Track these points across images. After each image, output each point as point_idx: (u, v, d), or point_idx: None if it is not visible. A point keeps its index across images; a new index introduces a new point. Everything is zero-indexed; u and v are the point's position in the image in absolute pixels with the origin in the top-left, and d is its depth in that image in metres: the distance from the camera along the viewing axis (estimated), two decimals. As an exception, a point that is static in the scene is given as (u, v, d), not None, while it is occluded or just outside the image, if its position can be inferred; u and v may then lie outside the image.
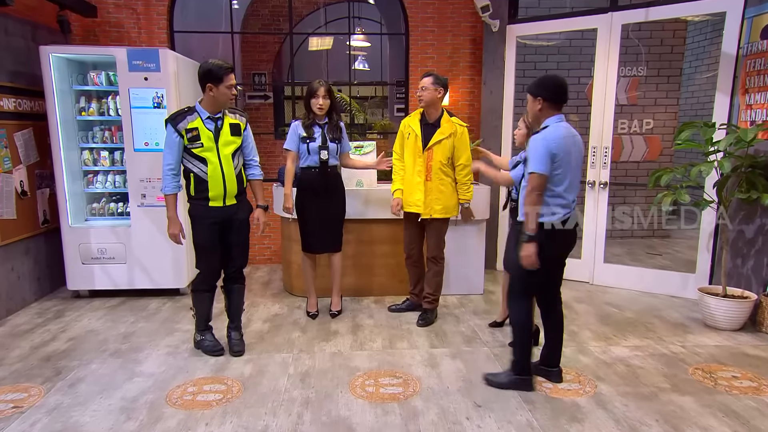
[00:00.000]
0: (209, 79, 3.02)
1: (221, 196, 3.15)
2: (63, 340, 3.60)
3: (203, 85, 3.05)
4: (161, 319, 4.01)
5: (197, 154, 3.07)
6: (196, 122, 3.07)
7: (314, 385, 2.99)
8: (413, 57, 5.49)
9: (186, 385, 2.98)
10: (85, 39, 5.06)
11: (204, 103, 3.10)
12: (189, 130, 3.04)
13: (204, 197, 3.13)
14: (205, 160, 3.08)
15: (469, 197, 3.80)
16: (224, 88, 3.05)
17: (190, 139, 3.04)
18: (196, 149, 3.06)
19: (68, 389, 2.92)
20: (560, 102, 2.75)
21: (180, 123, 3.03)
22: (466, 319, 4.04)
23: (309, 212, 3.89)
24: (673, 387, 2.98)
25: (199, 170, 3.09)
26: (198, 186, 3.12)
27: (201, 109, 3.10)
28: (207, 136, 3.08)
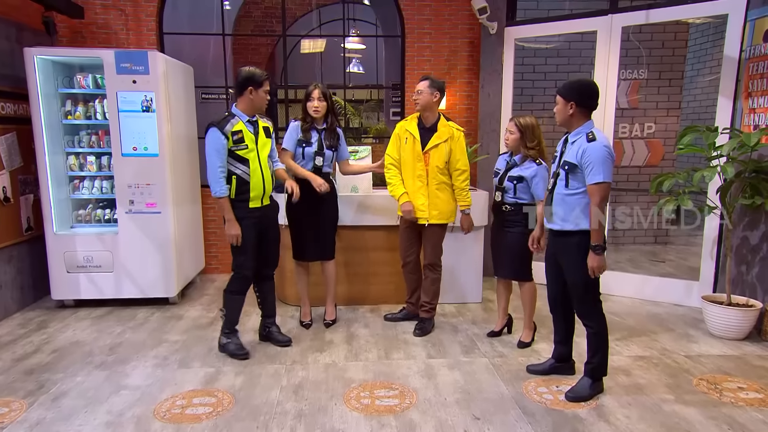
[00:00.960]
0: (251, 83, 3.26)
1: (260, 196, 3.38)
2: (47, 351, 3.57)
3: (244, 88, 3.27)
4: (149, 330, 3.98)
5: (241, 156, 3.27)
6: (239, 125, 3.27)
7: (308, 397, 2.97)
8: (409, 60, 5.51)
9: (175, 398, 2.95)
10: (71, 40, 5.05)
11: (242, 106, 3.31)
12: (234, 132, 3.23)
13: (245, 198, 3.32)
14: (248, 162, 3.29)
15: (468, 203, 3.80)
16: (263, 92, 3.31)
17: (236, 142, 3.24)
18: (241, 151, 3.27)
19: (51, 403, 2.89)
20: (593, 108, 2.82)
21: (226, 126, 3.22)
22: (464, 328, 4.03)
23: (301, 219, 3.88)
24: (677, 398, 2.97)
25: (242, 171, 3.29)
26: (240, 187, 3.30)
27: (240, 113, 3.31)
28: (250, 138, 3.31)
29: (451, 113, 5.52)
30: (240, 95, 3.30)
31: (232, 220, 3.28)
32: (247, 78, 3.27)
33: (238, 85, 3.28)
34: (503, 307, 3.80)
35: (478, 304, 4.60)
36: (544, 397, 2.97)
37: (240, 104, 3.32)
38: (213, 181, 3.23)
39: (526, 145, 3.40)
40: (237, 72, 3.34)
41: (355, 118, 10.15)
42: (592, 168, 2.69)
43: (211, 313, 4.37)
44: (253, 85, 3.26)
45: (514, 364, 3.40)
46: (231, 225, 3.29)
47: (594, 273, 2.76)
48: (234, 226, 3.29)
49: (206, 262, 5.50)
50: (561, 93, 2.81)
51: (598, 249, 2.72)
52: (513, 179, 3.44)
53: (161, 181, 4.35)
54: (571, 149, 2.80)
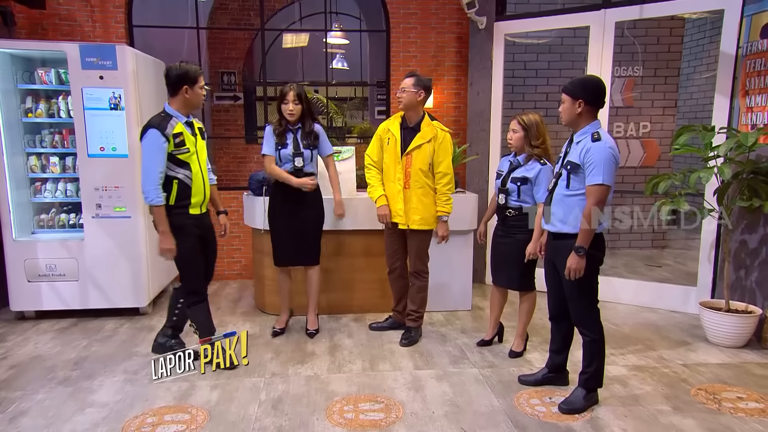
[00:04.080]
0: (186, 81, 3.18)
1: (201, 203, 3.35)
2: (4, 367, 3.50)
3: (178, 87, 3.18)
4: (118, 342, 3.92)
5: (182, 160, 3.20)
6: (179, 127, 3.20)
7: (288, 412, 2.95)
8: (395, 56, 5.52)
9: (145, 415, 2.91)
10: (31, 33, 4.97)
11: (177, 106, 3.23)
12: (175, 135, 3.16)
13: (185, 204, 3.26)
14: (189, 165, 3.23)
15: (447, 210, 3.76)
16: (198, 89, 3.24)
17: (177, 145, 3.17)
18: (182, 155, 3.20)
19: (9, 424, 2.83)
20: (601, 106, 2.85)
21: (167, 129, 3.13)
22: (453, 337, 4.04)
23: (282, 223, 3.87)
24: (674, 409, 3.01)
25: (184, 176, 3.23)
26: (181, 193, 3.23)
27: (176, 113, 3.23)
28: (191, 141, 3.25)
29: (438, 112, 5.55)
30: (174, 95, 3.22)
31: (167, 233, 3.18)
32: (181, 76, 3.18)
33: (171, 84, 3.20)
34: (496, 315, 3.81)
35: (468, 312, 4.61)
36: (537, 410, 2.98)
37: (174, 104, 3.24)
38: (150, 187, 3.12)
39: (531, 144, 3.39)
40: (166, 69, 3.23)
41: (339, 116, 10.14)
42: (593, 168, 2.72)
43: (184, 324, 4.32)
44: (188, 83, 3.19)
45: (506, 374, 3.42)
46: (166, 238, 3.19)
47: (570, 274, 2.77)
48: (169, 239, 3.19)
49: (179, 269, 5.43)
50: (568, 91, 2.82)
51: (581, 251, 2.74)
52: (517, 181, 3.42)
53: (131, 183, 4.29)
54: (576, 149, 2.82)
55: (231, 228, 5.44)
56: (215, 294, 5.13)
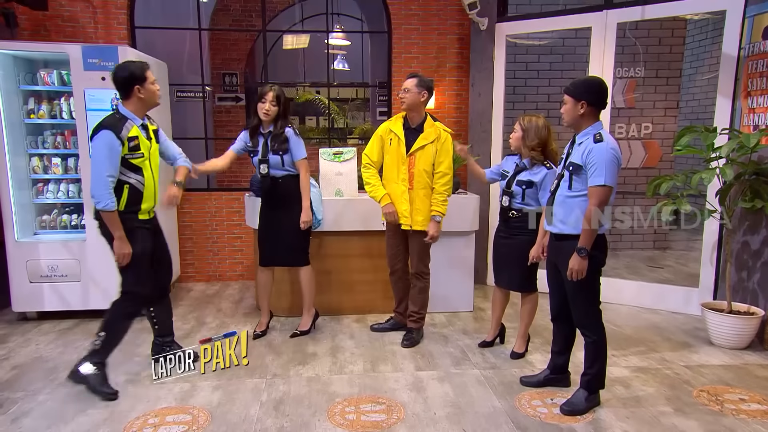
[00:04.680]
0: (135, 81, 3.05)
1: (150, 208, 3.23)
2: (6, 368, 3.50)
3: (129, 88, 3.06)
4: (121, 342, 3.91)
5: (134, 164, 3.07)
6: (135, 130, 3.07)
7: (289, 413, 2.95)
8: (396, 57, 5.53)
9: (147, 417, 2.91)
10: (34, 34, 4.98)
11: (132, 107, 3.10)
12: (130, 138, 3.03)
13: (134, 210, 3.13)
14: (141, 170, 3.12)
15: (442, 210, 3.73)
16: (150, 85, 3.11)
17: (131, 149, 3.04)
18: (136, 159, 3.07)
19: (11, 425, 2.83)
20: (603, 107, 2.85)
21: (122, 131, 2.99)
22: (455, 338, 4.04)
23: (262, 223, 3.92)
24: (676, 410, 3.00)
25: (136, 181, 3.10)
26: (132, 199, 3.10)
27: (132, 115, 3.09)
28: (146, 145, 3.13)
29: (440, 113, 5.55)
30: (127, 97, 3.09)
31: (123, 238, 3.05)
32: (127, 78, 3.04)
33: (120, 87, 3.07)
34: (498, 316, 3.81)
35: (469, 313, 4.61)
36: (538, 411, 2.98)
37: (129, 106, 3.10)
38: (102, 192, 2.95)
39: (527, 145, 3.38)
40: (112, 74, 3.09)
41: (340, 117, 10.14)
42: (596, 169, 2.72)
43: (186, 325, 4.33)
44: (138, 82, 3.06)
45: (507, 375, 3.41)
46: (122, 243, 3.06)
47: (572, 275, 2.78)
48: (125, 243, 3.06)
49: (182, 270, 5.45)
50: (570, 92, 2.82)
51: (583, 252, 2.74)
52: (522, 184, 3.41)
53: (132, 184, 4.30)
54: (578, 150, 2.82)
55: (232, 229, 5.53)
56: (217, 295, 5.14)
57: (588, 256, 2.75)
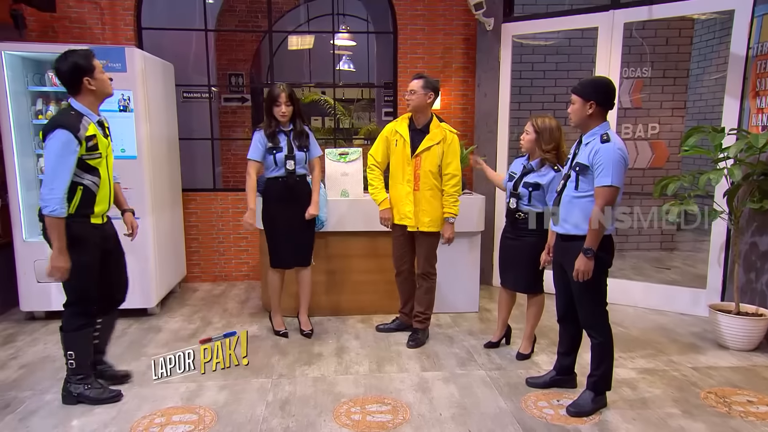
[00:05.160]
0: (82, 72, 2.77)
1: (105, 212, 2.99)
2: (14, 367, 3.53)
3: (77, 81, 2.78)
4: (126, 343, 3.94)
5: (91, 165, 2.83)
6: (92, 128, 2.82)
7: (295, 413, 2.95)
8: (402, 57, 5.53)
9: (153, 416, 2.92)
10: (42, 35, 5.01)
11: (86, 102, 2.84)
12: (89, 137, 2.78)
13: (88, 213, 2.88)
14: (98, 171, 2.87)
15: (455, 212, 3.76)
16: (100, 74, 2.84)
17: (89, 149, 2.79)
18: (93, 160, 2.83)
19: (18, 423, 2.85)
20: (611, 108, 2.85)
21: (80, 130, 2.74)
22: (460, 339, 4.03)
23: (278, 225, 3.88)
24: (684, 412, 2.99)
25: (90, 183, 2.85)
26: (85, 201, 2.85)
27: (87, 110, 2.84)
28: (103, 144, 2.89)
29: (445, 113, 5.55)
30: (77, 92, 2.81)
31: (63, 250, 2.74)
32: (73, 70, 2.76)
33: (67, 82, 2.80)
34: (504, 317, 3.80)
35: (475, 314, 4.60)
36: (545, 412, 2.97)
37: (82, 100, 2.82)
38: (55, 196, 2.68)
39: (542, 148, 3.37)
40: (55, 68, 2.81)
41: (346, 118, 10.15)
42: (602, 170, 2.71)
43: (192, 325, 4.34)
44: (86, 73, 2.78)
45: (513, 376, 3.41)
46: (62, 256, 2.74)
47: (578, 276, 2.77)
48: (64, 257, 2.74)
49: (188, 270, 5.47)
50: (578, 92, 2.81)
51: (589, 252, 2.73)
52: (529, 186, 3.39)
53: (139, 185, 4.32)
54: (584, 150, 2.82)
55: (237, 229, 5.53)
56: (222, 295, 5.16)
57: (594, 257, 2.74)
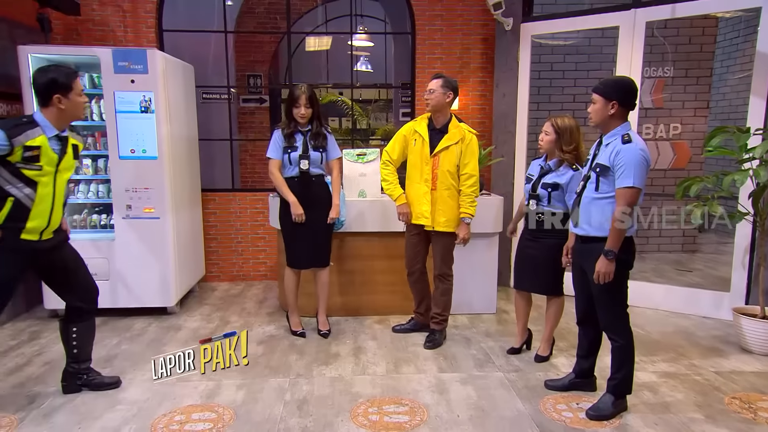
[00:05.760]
0: (56, 88, 2.72)
1: (40, 229, 2.82)
2: (38, 364, 3.59)
3: (48, 96, 2.72)
4: (147, 341, 4.00)
5: (27, 176, 2.70)
6: (39, 140, 2.70)
7: (313, 413, 2.96)
8: (420, 58, 5.52)
9: (173, 414, 2.96)
10: (66, 38, 5.11)
11: (50, 117, 2.76)
12: (28, 147, 2.66)
13: (18, 227, 2.74)
14: (36, 184, 2.74)
15: (471, 212, 3.73)
16: (75, 96, 2.78)
17: (26, 159, 2.67)
18: (31, 171, 2.70)
19: (43, 419, 2.90)
20: (632, 108, 2.82)
21: (18, 136, 2.64)
22: (478, 340, 4.01)
23: (293, 225, 3.89)
24: (707, 418, 2.93)
25: (22, 195, 2.71)
26: (14, 214, 2.72)
27: (47, 123, 2.75)
28: (50, 159, 2.75)
29: (464, 114, 5.53)
30: (45, 105, 2.74)
31: None
32: (48, 84, 2.70)
33: (39, 93, 2.73)
34: (523, 322, 3.75)
35: (492, 315, 4.57)
36: (564, 415, 2.94)
37: (46, 114, 2.76)
38: None
39: (562, 148, 3.32)
40: (33, 76, 2.77)
41: (363, 119, 10.18)
42: (624, 170, 2.68)
43: (211, 324, 4.39)
44: (60, 90, 2.72)
45: (531, 379, 3.38)
46: None
47: (599, 278, 2.74)
48: None
49: (206, 269, 5.52)
50: (600, 92, 2.78)
51: (611, 255, 2.70)
52: (547, 186, 3.35)
53: (160, 185, 4.38)
54: (605, 151, 2.79)
55: (255, 229, 5.58)
56: (240, 295, 5.20)
57: (615, 259, 2.71)
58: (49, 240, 2.89)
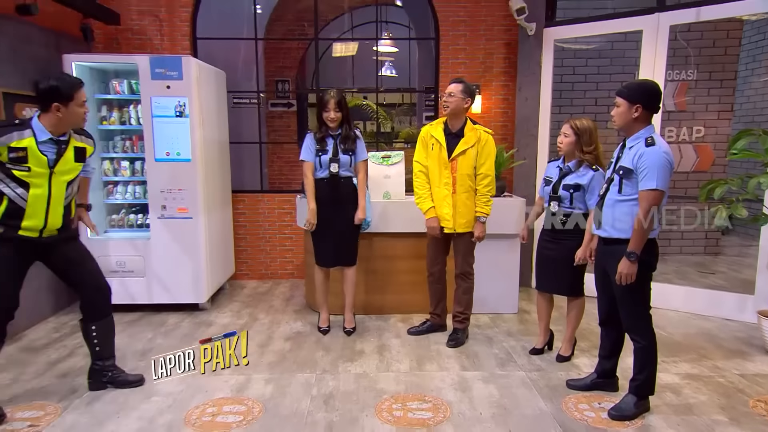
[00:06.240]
0: (56, 96, 2.72)
1: (39, 228, 2.84)
2: (80, 356, 3.67)
3: (47, 103, 2.73)
4: (180, 336, 4.07)
5: (18, 177, 2.73)
6: (27, 142, 2.72)
7: (339, 408, 2.98)
8: (443, 62, 5.50)
9: (205, 406, 3.00)
10: (107, 47, 5.24)
11: (47, 123, 2.77)
12: (13, 149, 2.68)
13: (16, 225, 2.78)
14: (27, 185, 2.76)
15: (486, 211, 3.70)
16: (75, 106, 2.79)
17: (13, 159, 2.69)
18: (20, 172, 2.72)
19: (85, 408, 2.98)
20: (656, 112, 2.78)
21: (2, 136, 2.67)
22: (500, 340, 3.98)
23: (322, 225, 3.93)
24: (731, 420, 2.86)
25: (15, 195, 2.75)
26: (11, 212, 2.76)
27: (41, 128, 2.76)
28: (39, 161, 2.75)
29: (486, 117, 5.50)
30: (44, 110, 2.75)
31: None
32: (49, 92, 2.71)
33: (39, 99, 2.74)
34: (545, 323, 3.70)
35: (514, 315, 4.53)
36: (586, 415, 2.90)
37: (44, 119, 2.77)
38: None
39: (582, 150, 3.29)
40: (34, 82, 2.75)
41: (387, 122, 10.19)
42: (647, 173, 2.63)
43: (241, 320, 4.44)
44: (59, 99, 2.72)
45: (553, 378, 3.34)
46: None
47: (621, 280, 2.70)
48: None
49: (236, 267, 5.59)
50: (624, 95, 2.74)
51: (633, 256, 2.66)
52: (569, 188, 3.31)
53: (193, 186, 4.45)
54: (628, 154, 2.74)
55: (283, 229, 5.63)
56: (268, 292, 5.25)
57: (638, 261, 2.66)
58: (51, 237, 2.92)
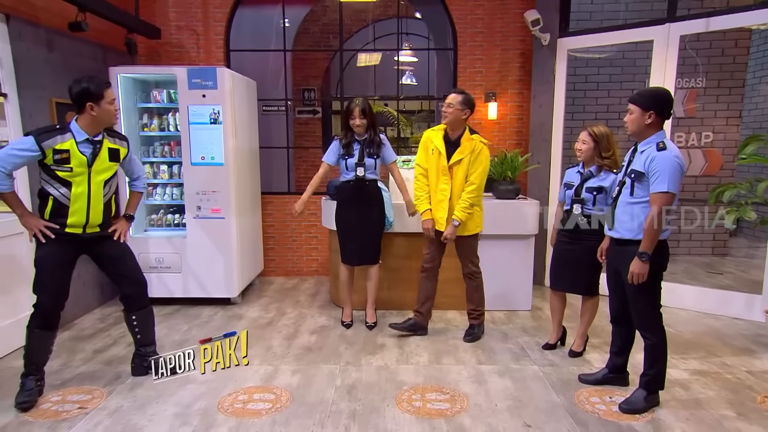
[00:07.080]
0: (89, 98, 2.79)
1: (82, 225, 2.92)
2: (123, 345, 3.77)
3: (82, 104, 2.81)
4: (213, 328, 4.13)
5: (62, 177, 2.81)
6: (68, 144, 2.80)
7: (361, 398, 3.00)
8: (461, 71, 5.49)
9: (237, 393, 3.05)
10: (149, 59, 5.35)
11: (83, 123, 2.85)
12: (57, 151, 2.77)
13: (62, 223, 2.87)
14: (70, 184, 2.84)
15: (461, 216, 3.60)
16: (106, 104, 2.85)
17: (57, 161, 2.77)
18: (63, 173, 2.80)
19: (128, 393, 3.06)
20: (668, 118, 2.75)
21: (46, 141, 2.74)
22: (514, 335, 3.96)
23: (347, 225, 3.96)
24: (739, 415, 2.81)
25: (59, 194, 2.83)
26: (56, 211, 2.85)
27: (78, 129, 2.84)
28: (79, 160, 2.82)
29: (501, 123, 5.48)
30: (80, 112, 2.83)
31: (24, 215, 2.84)
32: (81, 93, 2.78)
33: (74, 102, 2.82)
34: (558, 320, 3.67)
35: (528, 312, 4.50)
36: (597, 408, 2.88)
37: (80, 121, 2.84)
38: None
39: (601, 155, 3.25)
40: (69, 86, 2.83)
41: (407, 128, 10.21)
42: (659, 176, 2.61)
43: (269, 314, 4.50)
44: (92, 99, 2.79)
45: (566, 373, 3.32)
46: (28, 217, 2.84)
47: (633, 279, 2.67)
48: (27, 218, 2.83)
49: (264, 265, 5.66)
50: (637, 102, 2.71)
51: (645, 256, 2.63)
52: (592, 190, 3.27)
53: (226, 188, 4.52)
54: (640, 158, 2.72)
55: (309, 229, 5.67)
56: (295, 288, 5.30)
57: (649, 261, 2.63)
58: (94, 233, 2.98)
